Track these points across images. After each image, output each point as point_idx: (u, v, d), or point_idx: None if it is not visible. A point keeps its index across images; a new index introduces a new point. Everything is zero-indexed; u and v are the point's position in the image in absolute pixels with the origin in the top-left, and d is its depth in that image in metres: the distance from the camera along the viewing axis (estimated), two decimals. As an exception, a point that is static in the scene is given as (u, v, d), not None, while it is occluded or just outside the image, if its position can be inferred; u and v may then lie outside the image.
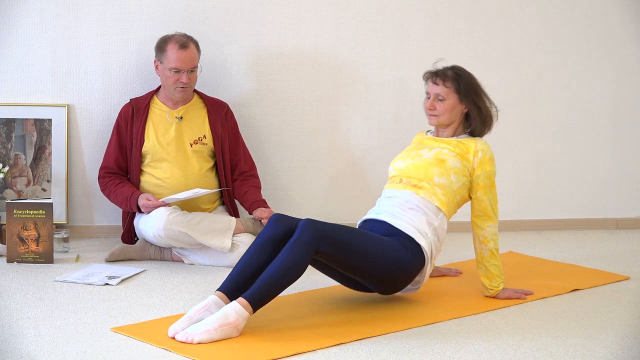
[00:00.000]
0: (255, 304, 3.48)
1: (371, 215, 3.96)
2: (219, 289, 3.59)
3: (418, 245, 3.80)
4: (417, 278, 3.86)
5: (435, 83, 4.02)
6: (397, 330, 3.57)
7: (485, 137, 4.88)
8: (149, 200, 4.48)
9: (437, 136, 4.10)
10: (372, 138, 5.19)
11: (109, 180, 4.66)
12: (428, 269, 3.85)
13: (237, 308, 3.45)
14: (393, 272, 3.76)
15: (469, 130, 4.08)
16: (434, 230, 3.85)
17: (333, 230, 3.62)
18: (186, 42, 4.59)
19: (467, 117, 4.06)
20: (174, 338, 3.41)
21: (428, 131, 4.18)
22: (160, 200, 4.47)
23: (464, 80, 4.01)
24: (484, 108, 4.04)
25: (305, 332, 3.53)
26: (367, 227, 3.93)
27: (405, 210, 3.87)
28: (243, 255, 3.66)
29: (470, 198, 4.01)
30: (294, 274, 3.54)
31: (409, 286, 3.91)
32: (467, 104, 4.01)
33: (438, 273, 4.33)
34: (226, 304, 3.53)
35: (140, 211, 4.53)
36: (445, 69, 4.05)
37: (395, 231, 3.84)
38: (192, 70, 4.61)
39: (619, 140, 5.46)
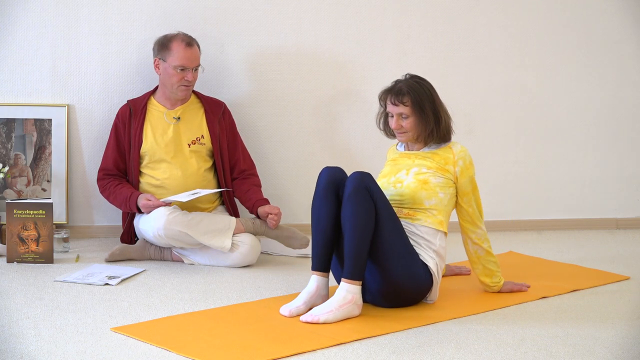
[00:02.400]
0: (357, 274, 3.65)
1: None
2: (314, 269, 3.76)
3: (427, 266, 3.83)
4: (427, 297, 3.90)
5: (394, 103, 3.92)
6: (397, 330, 3.57)
7: (484, 138, 4.90)
8: (149, 201, 4.48)
9: (409, 150, 4.03)
10: (371, 138, 5.19)
11: (108, 182, 4.66)
12: (436, 288, 3.87)
13: (347, 287, 3.65)
14: (408, 279, 3.78)
15: (436, 136, 3.95)
16: (435, 253, 3.86)
17: (380, 192, 3.72)
18: (191, 41, 4.62)
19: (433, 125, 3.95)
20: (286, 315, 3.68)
21: (397, 144, 4.12)
22: (161, 200, 4.47)
23: (420, 93, 3.91)
24: (444, 114, 3.95)
25: (305, 332, 3.53)
26: None
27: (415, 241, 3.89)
28: (314, 220, 3.77)
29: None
30: (369, 226, 3.64)
31: None
32: (428, 115, 3.91)
33: (450, 272, 4.33)
34: (326, 278, 3.76)
35: (140, 212, 4.53)
36: (399, 85, 3.93)
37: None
38: (196, 68, 4.62)
39: (619, 140, 5.46)
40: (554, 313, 3.83)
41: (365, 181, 3.69)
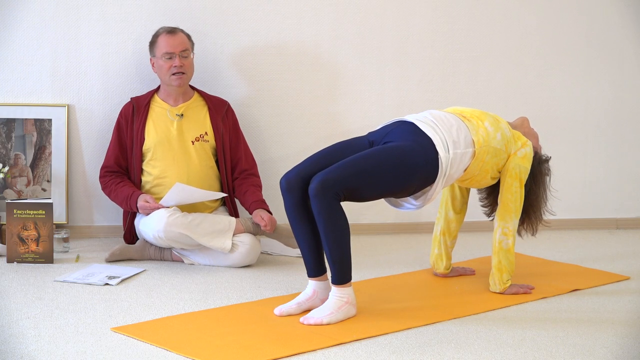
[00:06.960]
0: (345, 278, 3.67)
1: (400, 117, 3.98)
2: (309, 276, 3.77)
3: (436, 155, 3.77)
4: (422, 194, 3.85)
5: None
6: (397, 330, 3.57)
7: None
8: (147, 203, 4.47)
9: None
10: (372, 138, 5.19)
11: (110, 180, 4.67)
12: (438, 188, 3.81)
13: (339, 292, 3.66)
14: (410, 177, 3.73)
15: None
16: (455, 155, 3.82)
17: (342, 176, 3.63)
18: (173, 29, 4.66)
19: None
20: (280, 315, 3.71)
21: None
22: (159, 202, 4.47)
23: None
24: None
25: (305, 332, 3.53)
26: (390, 128, 3.91)
27: (440, 125, 3.85)
28: (294, 234, 3.77)
29: (498, 180, 4.03)
30: (345, 232, 3.64)
31: (412, 201, 3.89)
32: None
33: (455, 273, 4.32)
34: (324, 281, 3.78)
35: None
36: None
37: (418, 132, 3.82)
38: (185, 54, 4.61)
39: (619, 141, 5.46)
40: (554, 313, 3.83)
41: (325, 187, 3.61)
